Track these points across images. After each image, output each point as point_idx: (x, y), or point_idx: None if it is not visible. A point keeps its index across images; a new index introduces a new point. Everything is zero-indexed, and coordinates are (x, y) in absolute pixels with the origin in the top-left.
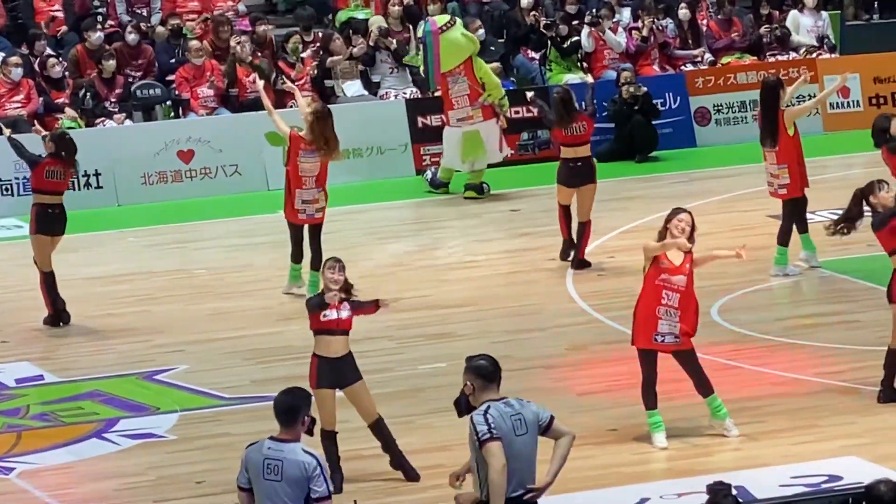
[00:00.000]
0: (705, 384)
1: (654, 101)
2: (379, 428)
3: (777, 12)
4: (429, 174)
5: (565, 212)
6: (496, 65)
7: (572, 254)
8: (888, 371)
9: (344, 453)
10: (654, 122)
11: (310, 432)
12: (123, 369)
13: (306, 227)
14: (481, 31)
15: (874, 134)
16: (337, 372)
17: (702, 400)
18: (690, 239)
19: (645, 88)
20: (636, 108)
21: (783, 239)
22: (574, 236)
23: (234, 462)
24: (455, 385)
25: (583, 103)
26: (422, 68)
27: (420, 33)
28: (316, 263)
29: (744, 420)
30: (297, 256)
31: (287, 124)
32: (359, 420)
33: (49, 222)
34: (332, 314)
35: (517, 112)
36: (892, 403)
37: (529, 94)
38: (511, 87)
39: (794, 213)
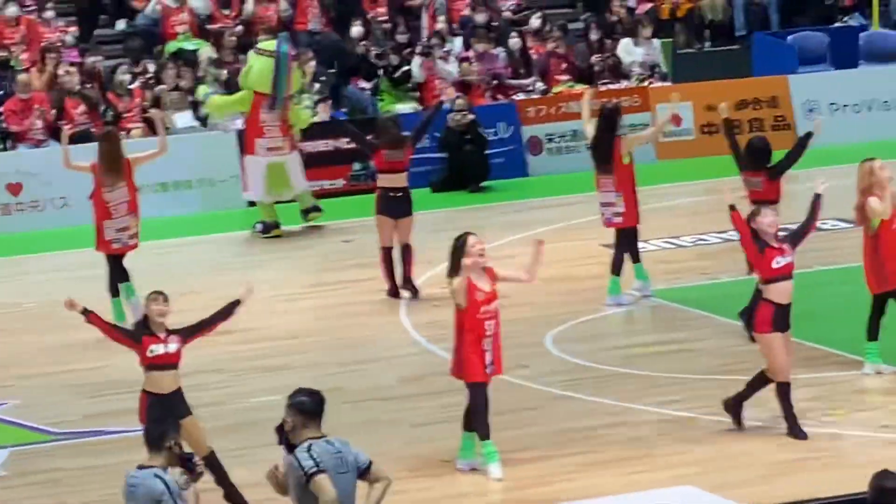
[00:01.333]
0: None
1: (487, 130)
2: (211, 461)
3: (609, 40)
4: (259, 226)
5: (388, 256)
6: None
7: (400, 289)
8: (748, 389)
9: (202, 483)
10: (486, 152)
11: (190, 470)
12: None
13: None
14: (313, 62)
15: (757, 155)
16: (167, 407)
17: (540, 429)
18: (483, 258)
19: (472, 116)
20: (467, 137)
21: (616, 268)
22: (397, 263)
23: (66, 497)
24: None
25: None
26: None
27: (273, 47)
28: (115, 291)
29: (580, 450)
30: (116, 290)
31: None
32: (218, 451)
33: None
34: (159, 349)
35: (349, 142)
36: (726, 420)
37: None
38: (343, 118)
39: (627, 242)
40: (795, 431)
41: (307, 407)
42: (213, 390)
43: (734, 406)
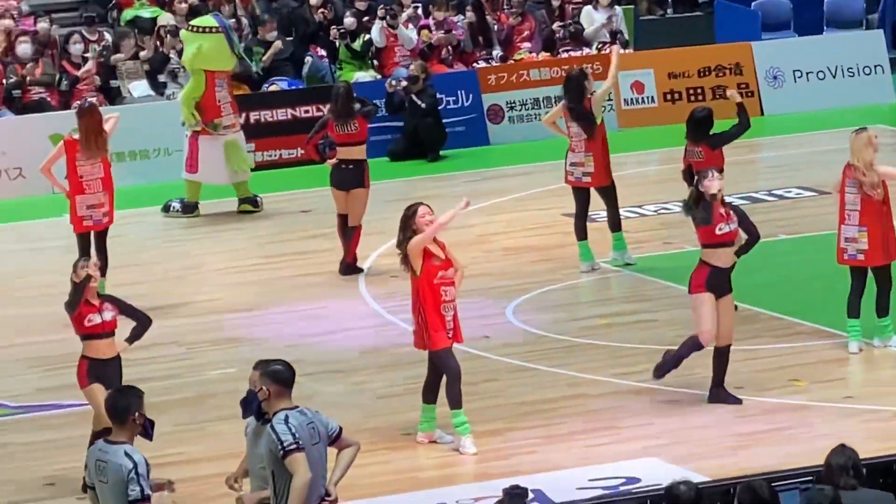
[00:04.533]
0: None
1: (447, 99)
2: None
3: (570, 7)
4: (177, 205)
5: (344, 222)
6: None
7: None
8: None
9: (160, 458)
10: (446, 120)
11: (146, 435)
12: None
13: (92, 233)
14: (274, 32)
15: (697, 126)
16: (105, 372)
17: (500, 401)
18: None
19: (405, 83)
20: (421, 105)
21: (581, 233)
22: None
23: (17, 473)
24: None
25: (358, 105)
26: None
27: (215, 22)
28: (104, 269)
29: (540, 422)
30: None
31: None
32: (171, 424)
33: None
34: (96, 318)
35: (307, 111)
36: (688, 392)
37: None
38: (301, 86)
39: (608, 204)
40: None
41: (283, 376)
42: (170, 363)
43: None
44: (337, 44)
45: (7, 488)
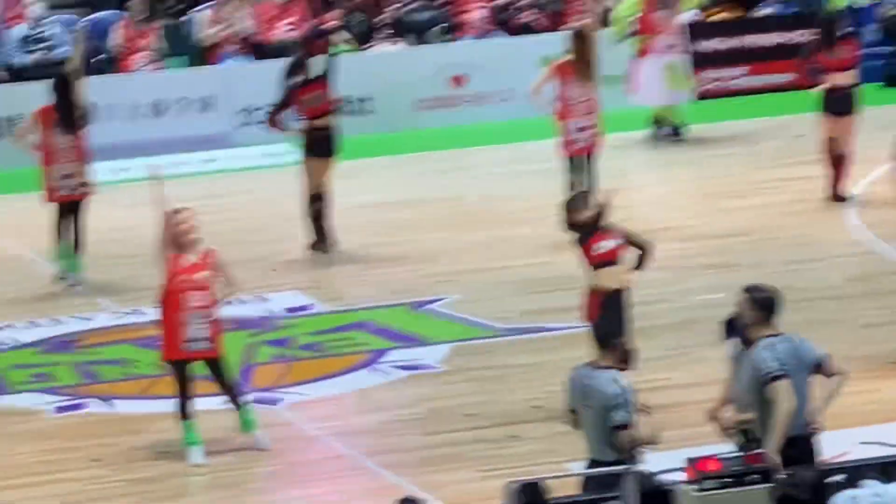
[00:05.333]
0: None
1: None
2: None
3: None
4: (666, 129)
5: (834, 148)
6: None
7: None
8: None
9: (645, 383)
10: None
11: (624, 363)
12: (393, 299)
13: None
14: None
15: None
16: (615, 304)
17: None
18: None
19: None
20: None
21: None
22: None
23: (506, 395)
24: None
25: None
26: None
27: None
28: (592, 191)
29: None
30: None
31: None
32: (658, 350)
33: (315, 145)
34: (605, 245)
35: (800, 35)
36: None
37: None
38: (794, 10)
39: None
40: None
41: (769, 303)
42: (656, 288)
43: None
44: None
45: (495, 409)
